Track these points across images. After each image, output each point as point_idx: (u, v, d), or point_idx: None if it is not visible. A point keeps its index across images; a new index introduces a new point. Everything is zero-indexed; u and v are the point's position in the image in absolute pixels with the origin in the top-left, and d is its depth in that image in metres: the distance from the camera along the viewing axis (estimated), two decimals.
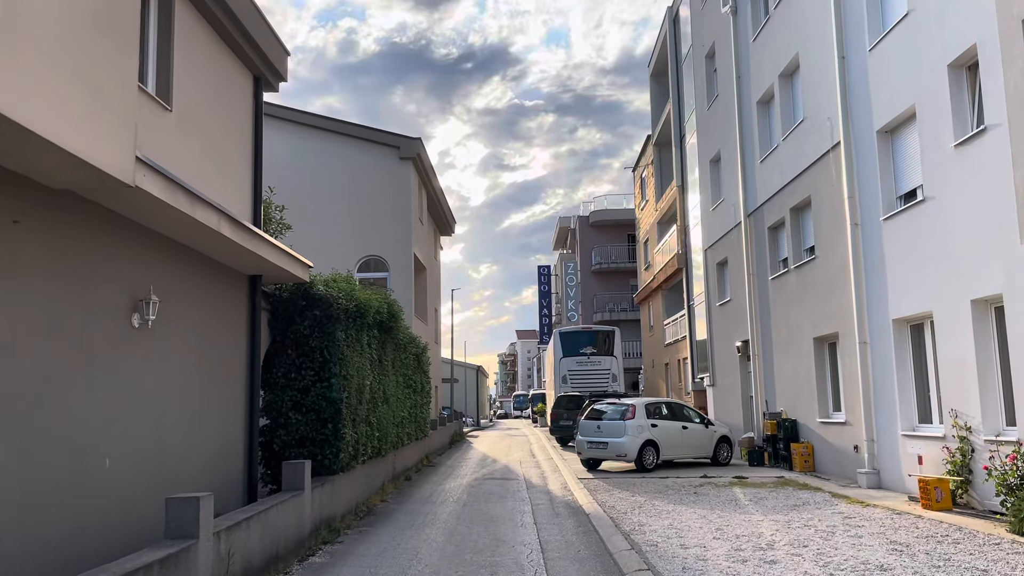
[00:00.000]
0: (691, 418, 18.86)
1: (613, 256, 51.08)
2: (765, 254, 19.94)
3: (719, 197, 24.14)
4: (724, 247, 23.47)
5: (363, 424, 12.51)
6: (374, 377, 13.48)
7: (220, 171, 9.66)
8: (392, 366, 15.47)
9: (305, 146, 24.11)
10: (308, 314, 11.19)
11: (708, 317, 25.53)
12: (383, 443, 14.27)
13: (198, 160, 9.01)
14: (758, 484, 14.91)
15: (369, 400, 13.09)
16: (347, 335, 11.70)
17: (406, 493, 15.15)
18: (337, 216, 23.37)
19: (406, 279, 23.81)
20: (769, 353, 19.75)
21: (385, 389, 14.52)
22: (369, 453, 13.13)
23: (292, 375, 11.05)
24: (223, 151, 9.79)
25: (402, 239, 23.98)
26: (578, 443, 18.37)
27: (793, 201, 17.91)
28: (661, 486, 14.94)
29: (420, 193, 26.75)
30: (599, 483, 15.66)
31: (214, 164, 9.49)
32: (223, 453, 9.38)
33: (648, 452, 17.41)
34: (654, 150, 35.29)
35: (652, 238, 36.47)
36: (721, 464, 18.85)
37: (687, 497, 13.30)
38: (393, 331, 15.20)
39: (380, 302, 13.55)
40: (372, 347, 13.39)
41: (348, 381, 11.44)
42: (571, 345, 31.54)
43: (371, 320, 12.95)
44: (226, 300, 9.59)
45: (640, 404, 17.98)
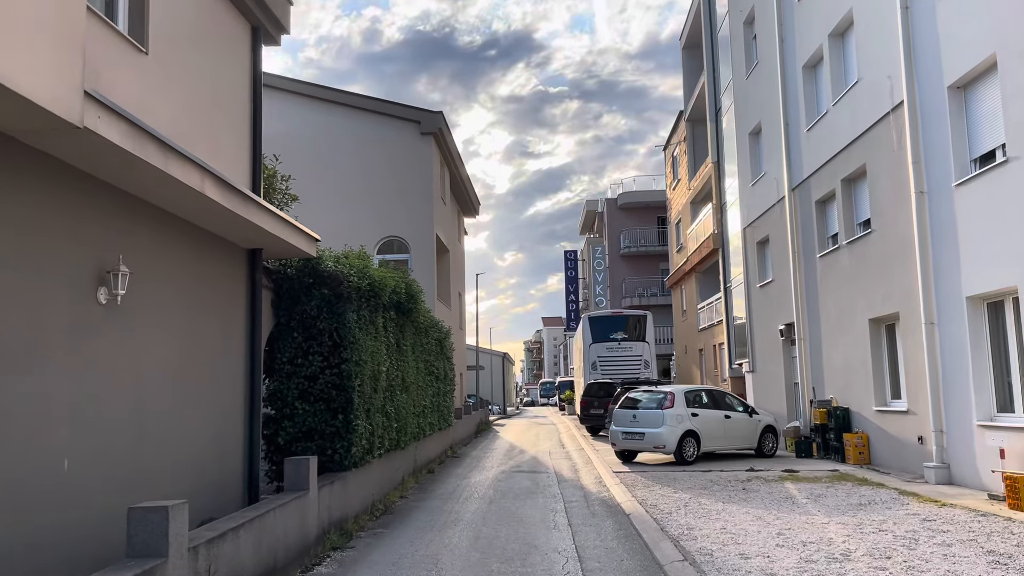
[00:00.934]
0: (733, 406, 17.55)
1: (642, 239, 49.57)
2: (812, 230, 18.52)
3: (759, 172, 22.69)
4: (765, 225, 22.05)
5: (379, 414, 11.41)
6: (391, 363, 12.37)
7: (210, 129, 8.54)
8: (412, 351, 14.35)
9: (321, 122, 22.98)
10: (316, 293, 10.08)
11: (747, 299, 24.13)
12: (402, 434, 13.18)
13: (183, 114, 7.89)
14: (811, 479, 13.61)
15: (386, 388, 11.99)
16: (360, 316, 10.58)
17: (428, 488, 14.06)
18: (355, 195, 22.24)
19: (428, 261, 22.65)
20: (817, 336, 18.37)
21: (404, 376, 13.41)
22: (386, 446, 12.04)
23: (298, 360, 9.96)
24: (214, 107, 8.66)
25: (424, 219, 22.79)
26: (612, 433, 17.16)
27: (845, 171, 16.47)
28: (705, 481, 13.70)
29: (442, 171, 25.53)
30: (636, 477, 14.46)
31: (203, 121, 8.37)
32: (218, 449, 8.31)
33: (688, 443, 16.15)
34: (687, 127, 33.78)
35: (685, 219, 35.00)
36: (766, 456, 17.54)
37: (736, 494, 12.05)
38: (412, 313, 14.07)
39: (397, 281, 12.41)
40: (389, 330, 12.26)
41: (361, 367, 10.32)
42: (601, 331, 30.26)
43: (387, 300, 11.82)
44: (220, 276, 8.49)
45: (679, 392, 16.71)
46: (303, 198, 18.26)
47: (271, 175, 11.30)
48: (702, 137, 32.02)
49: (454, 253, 29.04)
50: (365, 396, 10.56)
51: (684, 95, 33.76)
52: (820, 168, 17.80)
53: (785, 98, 19.81)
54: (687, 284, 35.12)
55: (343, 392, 9.94)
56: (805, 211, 18.95)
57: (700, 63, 31.66)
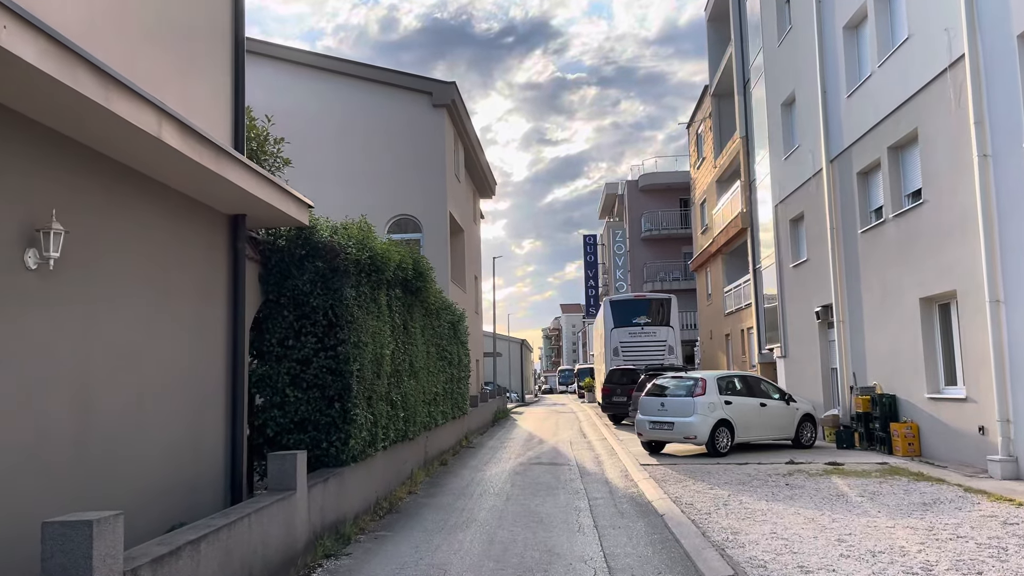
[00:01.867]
0: (769, 393, 16.30)
1: (664, 222, 48.16)
2: (853, 204, 17.17)
3: (792, 144, 21.31)
4: (799, 200, 20.69)
5: (382, 402, 10.29)
6: (397, 346, 11.24)
7: (181, 74, 7.41)
8: (421, 334, 13.22)
9: (326, 94, 21.80)
10: (308, 266, 8.95)
11: (779, 281, 22.80)
12: (410, 424, 12.07)
13: (145, 50, 6.76)
14: (860, 472, 12.37)
15: (391, 373, 10.87)
16: (359, 293, 9.45)
17: (439, 482, 12.96)
18: (364, 172, 21.08)
19: (441, 241, 21.48)
20: (858, 318, 17.06)
21: (412, 360, 12.29)
22: (392, 437, 10.93)
23: (289, 342, 8.85)
24: (186, 48, 7.53)
25: (436, 196, 21.60)
26: (638, 423, 15.97)
27: (893, 137, 15.11)
28: (742, 475, 12.49)
29: (456, 146, 24.29)
30: (666, 471, 13.28)
31: (170, 62, 7.24)
32: (194, 443, 7.22)
33: (721, 433, 14.92)
34: (712, 102, 32.32)
35: (710, 199, 33.60)
36: (804, 447, 16.28)
37: (779, 490, 10.84)
38: (422, 293, 12.93)
39: (403, 256, 11.28)
40: (394, 310, 11.14)
41: (360, 349, 9.20)
42: (623, 315, 29.02)
43: (391, 277, 10.68)
44: (195, 244, 7.38)
45: (711, 378, 15.47)
46: (308, 175, 17.18)
47: (262, 136, 10.14)
48: (729, 112, 30.57)
49: (469, 235, 27.85)
50: (366, 382, 9.44)
51: (709, 69, 32.29)
52: (863, 137, 16.44)
53: (823, 63, 18.42)
54: (712, 267, 33.75)
55: (340, 377, 8.83)
56: (845, 184, 17.60)
57: (726, 35, 30.19)
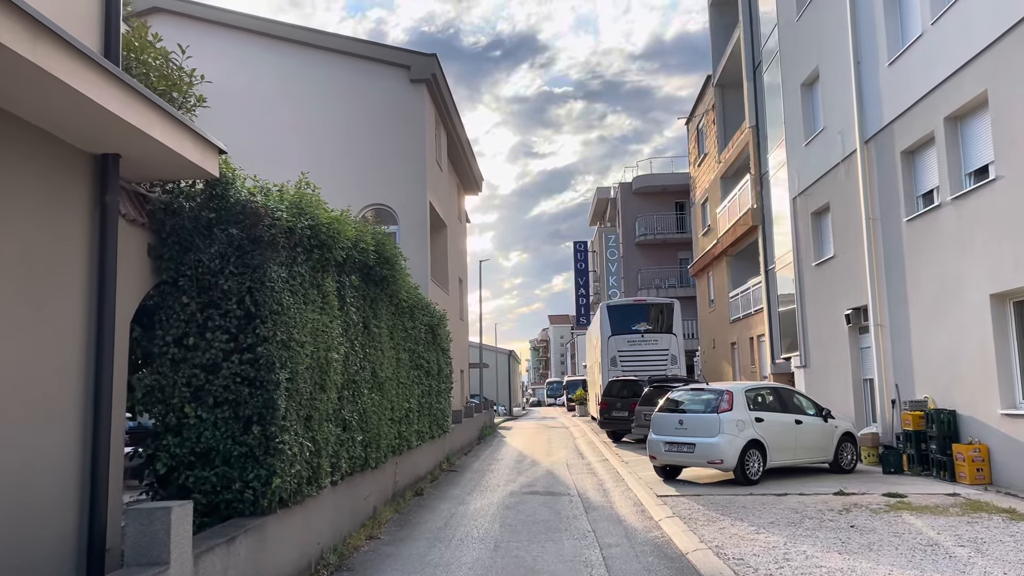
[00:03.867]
0: (803, 408, 13.84)
1: (660, 226, 45.83)
2: (895, 189, 14.82)
3: (815, 128, 19.00)
4: (824, 190, 18.35)
5: (329, 423, 7.75)
6: (352, 349, 8.71)
7: None
8: (389, 336, 10.71)
9: (287, 68, 19.28)
10: (218, 234, 6.44)
11: (798, 282, 20.42)
12: (371, 449, 9.53)
13: None
14: (933, 508, 9.92)
15: (343, 385, 8.34)
16: (293, 274, 6.94)
17: (411, 521, 10.40)
18: (332, 155, 18.54)
19: (420, 234, 18.93)
20: (902, 321, 14.68)
21: (375, 369, 9.76)
22: (345, 468, 8.38)
23: (190, 340, 6.31)
24: None
25: (415, 184, 19.08)
26: (651, 444, 13.46)
27: (952, 105, 12.78)
28: (786, 511, 10.01)
29: (438, 130, 21.77)
30: (691, 504, 10.78)
31: None
32: (21, 491, 4.67)
33: (752, 457, 12.45)
34: (716, 93, 30.05)
35: (713, 197, 31.27)
36: (845, 471, 13.82)
37: (847, 536, 8.35)
38: (389, 284, 10.43)
39: (361, 232, 8.78)
40: (349, 302, 8.62)
41: (292, 351, 6.68)
42: (621, 321, 26.56)
43: (342, 257, 8.14)
44: (25, 195, 4.85)
45: (738, 390, 12.99)
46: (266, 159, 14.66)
47: (167, 65, 7.55)
48: (735, 102, 28.30)
49: (453, 233, 25.33)
50: (302, 396, 6.91)
51: (712, 57, 30.03)
52: (909, 109, 14.11)
53: (856, 30, 16.13)
54: (716, 270, 31.38)
55: (260, 390, 6.30)
56: (885, 166, 15.26)
57: (732, 19, 27.97)
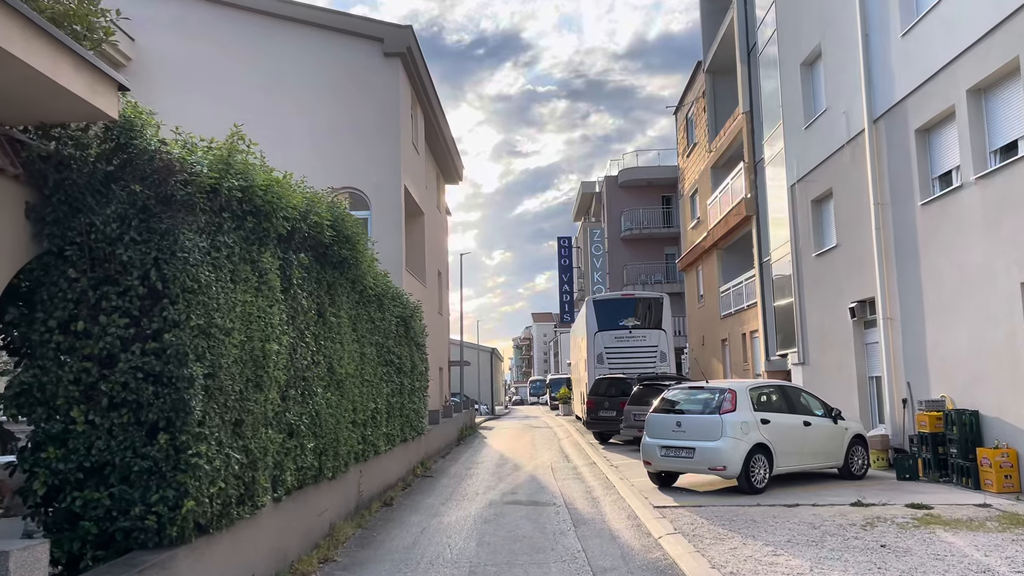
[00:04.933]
0: (811, 409, 12.64)
1: (645, 221, 44.66)
2: (908, 170, 13.68)
3: (816, 110, 17.85)
4: (826, 175, 17.21)
5: (267, 428, 6.41)
6: (301, 341, 7.38)
7: None
8: (351, 328, 9.37)
9: (249, 38, 17.79)
10: (118, 192, 5.10)
11: (796, 274, 19.27)
12: (327, 458, 8.20)
13: None
14: (970, 524, 8.74)
15: (289, 382, 7.00)
16: (216, 245, 5.61)
17: (374, 539, 9.06)
18: (297, 135, 17.10)
19: (394, 221, 17.54)
20: (914, 313, 13.54)
21: (333, 364, 8.43)
22: (291, 481, 7.04)
23: (80, 325, 4.97)
24: None
25: (388, 166, 17.68)
26: (646, 448, 12.20)
27: (976, 75, 11.64)
28: (803, 526, 8.79)
29: (414, 110, 20.35)
30: (692, 517, 9.53)
31: None
32: None
33: (758, 463, 11.22)
34: (706, 79, 28.87)
35: (703, 188, 30.11)
36: (856, 477, 12.64)
37: (884, 559, 7.14)
38: (350, 268, 9.10)
39: (311, 201, 7.45)
40: (296, 284, 7.27)
41: (214, 340, 5.35)
42: (608, 316, 25.32)
43: (286, 229, 6.79)
44: None
45: (742, 389, 11.75)
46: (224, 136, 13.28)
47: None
48: (727, 88, 27.14)
49: (432, 222, 23.95)
50: (227, 396, 5.58)
51: (703, 42, 28.82)
52: (926, 83, 12.96)
53: (863, 1, 14.99)
54: (706, 264, 30.23)
55: (169, 388, 4.98)
56: (896, 146, 14.11)
57: (724, 2, 26.81)
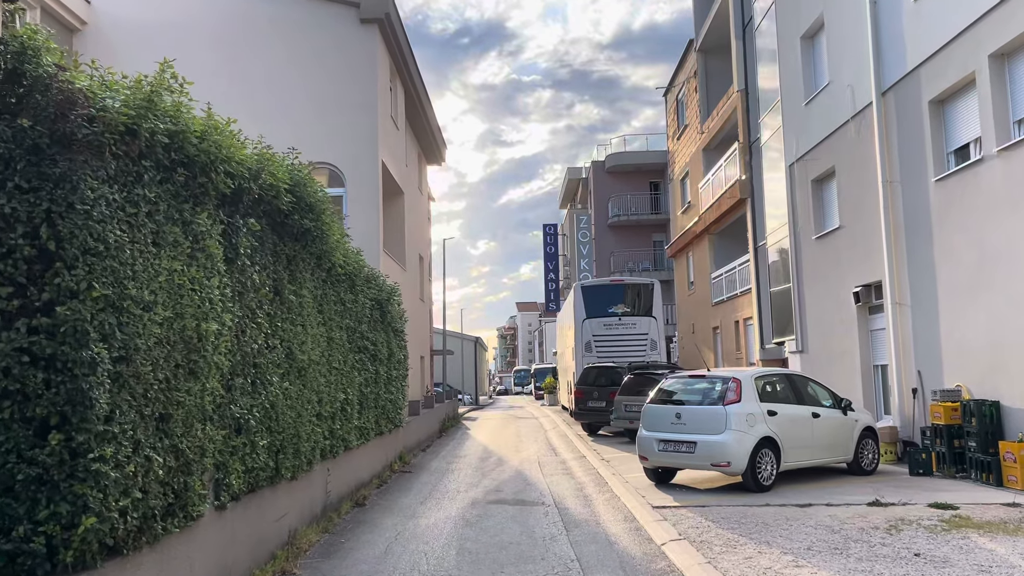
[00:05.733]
0: (819, 399, 11.74)
1: (633, 207, 43.74)
2: (922, 144, 12.79)
3: (818, 84, 16.93)
4: (828, 153, 16.31)
5: (206, 423, 5.37)
6: (253, 320, 6.34)
7: None
8: (318, 309, 8.34)
9: (218, 5, 16.69)
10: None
11: (794, 258, 18.40)
12: (286, 456, 7.18)
13: None
14: (1005, 527, 7.86)
15: (235, 369, 5.97)
16: (132, 199, 4.56)
17: (342, 546, 8.06)
18: (267, 106, 15.97)
19: (371, 199, 16.45)
20: (927, 297, 12.68)
21: (292, 349, 7.40)
22: (236, 486, 6.01)
23: None
24: None
25: (365, 140, 16.58)
26: (642, 441, 11.24)
27: (1001, 39, 10.74)
28: (821, 530, 7.88)
29: (393, 81, 19.22)
30: (698, 520, 8.60)
31: None
32: None
33: (765, 458, 10.30)
34: (698, 58, 27.91)
35: (695, 171, 29.19)
36: (866, 472, 11.76)
37: (923, 572, 6.22)
38: (315, 242, 8.06)
39: (262, 158, 6.41)
40: (247, 255, 6.23)
41: (129, 314, 4.32)
42: (597, 303, 24.38)
43: (230, 188, 5.74)
44: None
45: (747, 378, 10.81)
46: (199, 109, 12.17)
47: None
48: (720, 67, 26.19)
49: (413, 203, 22.86)
50: (148, 386, 4.54)
51: (695, 19, 27.85)
52: (942, 48, 12.06)
53: None
54: (697, 250, 29.35)
55: (63, 375, 3.94)
56: (907, 119, 13.22)
57: None
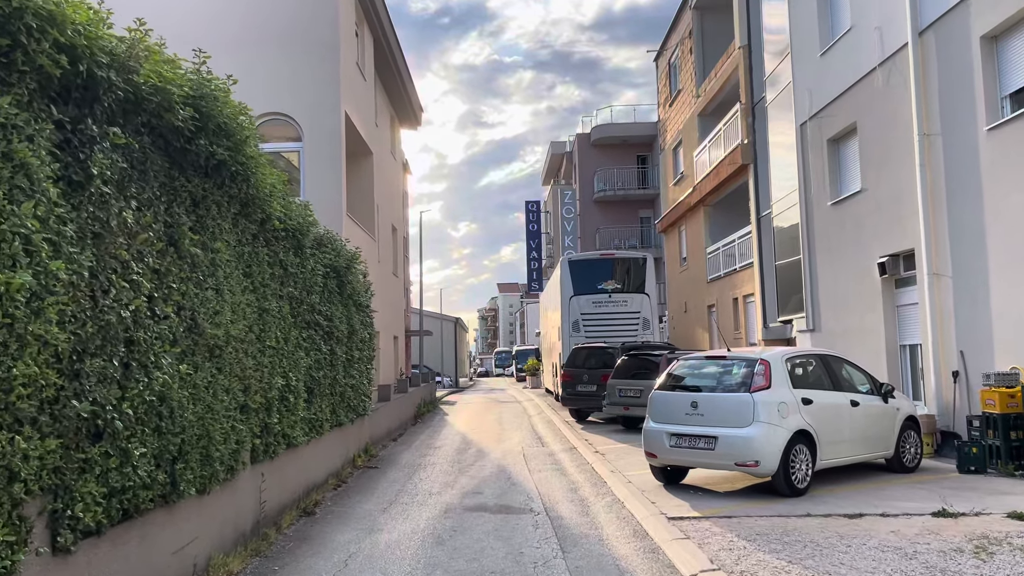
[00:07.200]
0: (855, 384, 9.97)
1: (620, 181, 41.88)
2: (970, 89, 11.01)
3: (836, 31, 15.10)
4: (848, 108, 14.51)
5: (25, 426, 3.46)
6: (123, 277, 4.41)
7: None
8: (243, 270, 6.41)
9: None
10: None
11: (805, 227, 16.64)
12: (187, 464, 5.27)
13: None
14: None
15: (83, 346, 4.05)
16: None
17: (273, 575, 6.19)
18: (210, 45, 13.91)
19: (332, 154, 14.36)
20: (972, 266, 10.97)
21: (199, 320, 5.48)
22: (90, 517, 4.11)
23: None
24: None
25: (325, 86, 14.47)
26: (650, 435, 9.38)
27: None
28: (891, 555, 6.11)
29: (360, 27, 17.08)
30: (729, 538, 6.81)
31: None
32: None
33: (799, 456, 8.53)
34: (693, 17, 25.98)
35: (689, 139, 27.34)
36: (908, 469, 10.05)
37: None
38: (238, 182, 6.12)
39: (133, 43, 4.45)
40: (111, 181, 4.28)
41: None
42: (585, 279, 22.55)
43: (54, 67, 3.78)
44: None
45: (776, 359, 8.98)
46: None
47: None
48: (718, 25, 24.30)
49: (384, 166, 20.77)
50: None
51: None
52: None
53: None
54: (690, 223, 27.56)
55: None
56: (951, 61, 11.43)
57: None
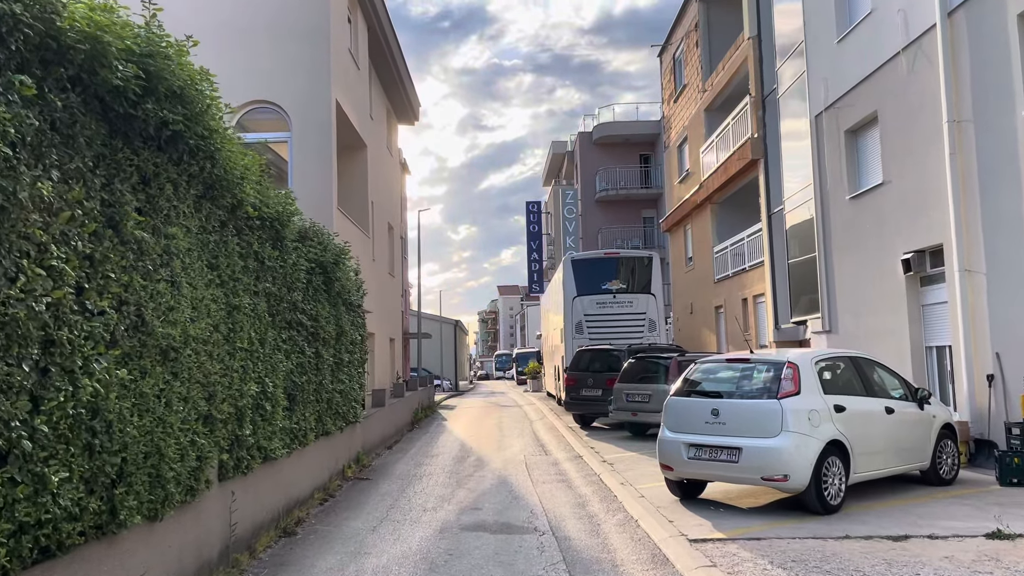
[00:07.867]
0: (887, 389, 9.15)
1: (622, 181, 41.11)
2: (1006, 71, 10.23)
3: (855, 16, 14.32)
4: (869, 97, 13.72)
5: None
6: (39, 263, 3.60)
7: None
8: (208, 261, 5.62)
9: None
10: None
11: (820, 223, 15.84)
12: (133, 491, 4.45)
13: None
14: None
15: None
16: None
17: None
18: (201, 30, 13.19)
19: (322, 145, 13.57)
20: (1010, 262, 10.18)
21: (147, 317, 4.67)
22: None
23: None
24: None
25: (315, 73, 13.66)
26: (666, 447, 8.56)
27: None
28: None
29: (353, 13, 16.22)
30: (762, 566, 5.99)
31: None
32: None
33: (832, 468, 7.71)
34: (699, 9, 25.19)
35: (695, 136, 26.55)
36: (945, 482, 9.23)
37: None
38: (192, 156, 5.34)
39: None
40: (27, 144, 3.48)
41: None
42: (589, 278, 21.73)
43: None
44: None
45: (806, 362, 8.17)
46: None
47: None
48: (726, 16, 23.53)
49: (378, 160, 19.96)
50: None
51: None
52: None
53: None
54: (696, 222, 26.76)
55: None
56: (985, 42, 10.64)
57: None
